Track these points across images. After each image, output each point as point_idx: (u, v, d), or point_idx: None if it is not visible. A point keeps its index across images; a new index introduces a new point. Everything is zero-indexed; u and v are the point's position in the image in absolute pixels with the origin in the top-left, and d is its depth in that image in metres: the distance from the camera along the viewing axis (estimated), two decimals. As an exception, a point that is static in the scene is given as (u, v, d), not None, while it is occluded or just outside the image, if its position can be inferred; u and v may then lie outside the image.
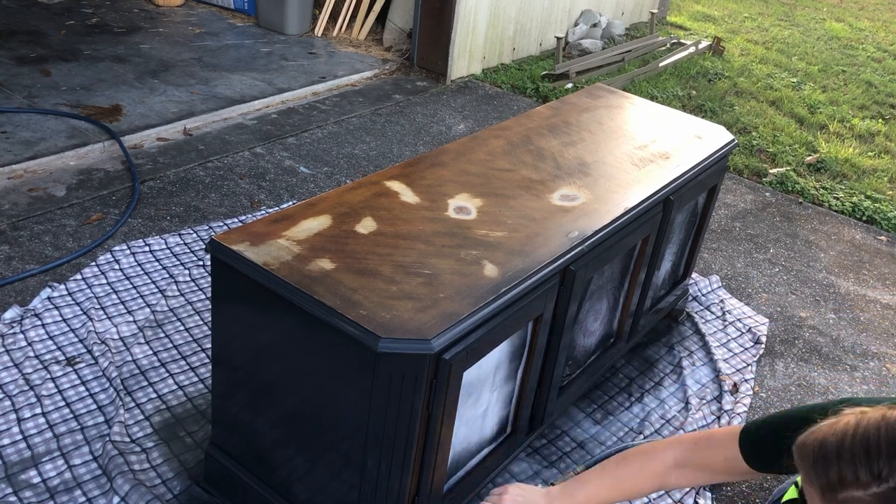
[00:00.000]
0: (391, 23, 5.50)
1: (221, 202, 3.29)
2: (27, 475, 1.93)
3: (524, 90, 5.05)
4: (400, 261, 1.62)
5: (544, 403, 2.02)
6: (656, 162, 2.26)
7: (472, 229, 1.78)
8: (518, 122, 2.43)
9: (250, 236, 1.64)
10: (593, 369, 2.26)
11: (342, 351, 1.47)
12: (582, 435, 2.33)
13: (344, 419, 1.53)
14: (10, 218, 2.98)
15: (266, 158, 3.73)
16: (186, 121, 3.95)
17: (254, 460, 1.81)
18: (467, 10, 4.93)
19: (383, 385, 1.44)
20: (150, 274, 2.74)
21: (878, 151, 4.86)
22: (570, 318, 1.89)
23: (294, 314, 1.52)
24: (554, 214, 1.90)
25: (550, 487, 1.56)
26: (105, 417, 2.14)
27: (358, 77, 4.90)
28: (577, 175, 2.11)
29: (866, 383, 2.74)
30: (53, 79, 4.22)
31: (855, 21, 8.56)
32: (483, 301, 1.54)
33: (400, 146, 4.05)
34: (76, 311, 2.51)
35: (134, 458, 1.99)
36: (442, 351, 1.45)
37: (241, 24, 5.55)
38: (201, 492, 1.95)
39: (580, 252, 1.80)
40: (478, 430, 1.82)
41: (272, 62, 4.89)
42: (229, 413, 1.81)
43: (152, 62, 4.65)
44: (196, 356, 2.39)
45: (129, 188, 3.29)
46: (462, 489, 1.82)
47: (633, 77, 5.44)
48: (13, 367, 2.26)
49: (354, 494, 1.59)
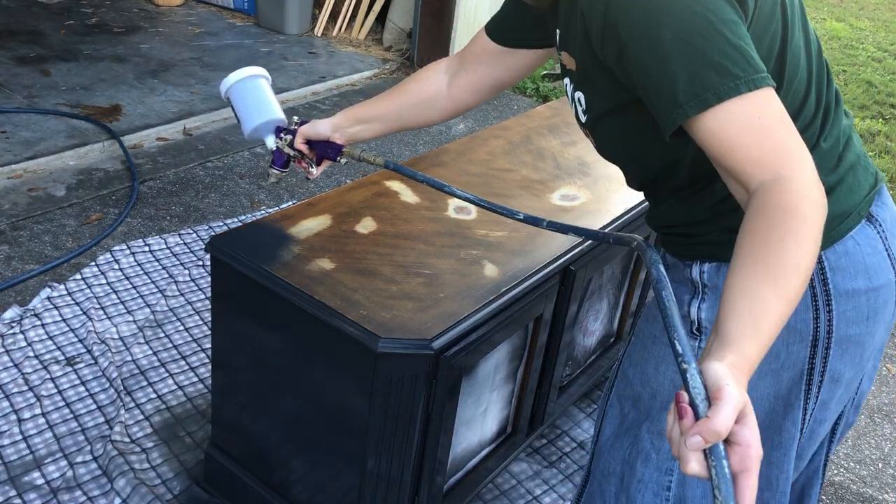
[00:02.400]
0: (391, 22, 5.50)
1: (221, 202, 3.29)
2: (30, 477, 1.93)
3: (524, 90, 5.05)
4: (400, 261, 1.62)
5: (544, 403, 2.02)
6: (656, 162, 2.26)
7: (472, 229, 1.78)
8: (518, 122, 2.43)
9: (250, 236, 1.64)
10: (593, 369, 2.26)
11: (342, 351, 1.47)
12: (582, 435, 2.33)
13: (344, 419, 1.53)
14: (9, 218, 2.98)
15: (266, 158, 3.73)
16: (186, 121, 3.95)
17: (254, 460, 1.81)
18: (467, 10, 4.92)
19: (383, 385, 1.44)
20: (150, 274, 2.74)
21: (879, 151, 4.86)
22: (570, 318, 1.89)
23: (294, 314, 1.52)
24: (554, 214, 1.90)
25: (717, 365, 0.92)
26: (105, 417, 2.14)
27: (358, 77, 4.90)
28: (577, 175, 2.11)
29: (866, 383, 2.74)
30: (53, 79, 4.22)
31: (855, 21, 8.56)
32: (483, 301, 1.54)
33: (400, 146, 4.05)
34: (76, 311, 2.51)
35: (134, 459, 1.99)
36: (442, 351, 1.45)
37: (240, 24, 5.55)
38: (201, 492, 1.95)
39: (580, 252, 1.80)
40: (478, 430, 1.82)
41: (272, 62, 4.89)
42: (229, 413, 1.81)
43: (152, 62, 4.65)
44: (196, 356, 2.39)
45: (128, 188, 3.29)
46: (462, 489, 1.82)
47: (633, 77, 5.44)
48: (13, 367, 2.25)
49: (354, 495, 1.59)
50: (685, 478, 1.27)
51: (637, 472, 1.33)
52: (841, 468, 2.35)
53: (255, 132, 1.58)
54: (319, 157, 1.57)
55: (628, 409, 1.35)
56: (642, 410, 1.33)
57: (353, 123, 1.53)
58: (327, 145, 1.54)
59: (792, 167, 0.91)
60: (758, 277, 0.85)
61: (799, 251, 0.86)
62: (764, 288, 0.84)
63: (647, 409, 1.32)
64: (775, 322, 0.84)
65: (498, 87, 1.47)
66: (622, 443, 1.35)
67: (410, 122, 1.55)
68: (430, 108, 1.52)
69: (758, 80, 0.92)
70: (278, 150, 1.59)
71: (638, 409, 1.34)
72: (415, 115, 1.53)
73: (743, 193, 0.95)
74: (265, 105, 1.57)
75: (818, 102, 1.14)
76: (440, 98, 1.50)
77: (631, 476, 1.33)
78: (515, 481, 2.14)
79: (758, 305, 0.83)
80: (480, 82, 1.46)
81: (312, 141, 1.55)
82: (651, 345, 1.32)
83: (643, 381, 1.33)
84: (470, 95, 1.48)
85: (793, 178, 0.90)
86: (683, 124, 0.94)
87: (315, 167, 1.58)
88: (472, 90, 1.48)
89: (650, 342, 1.32)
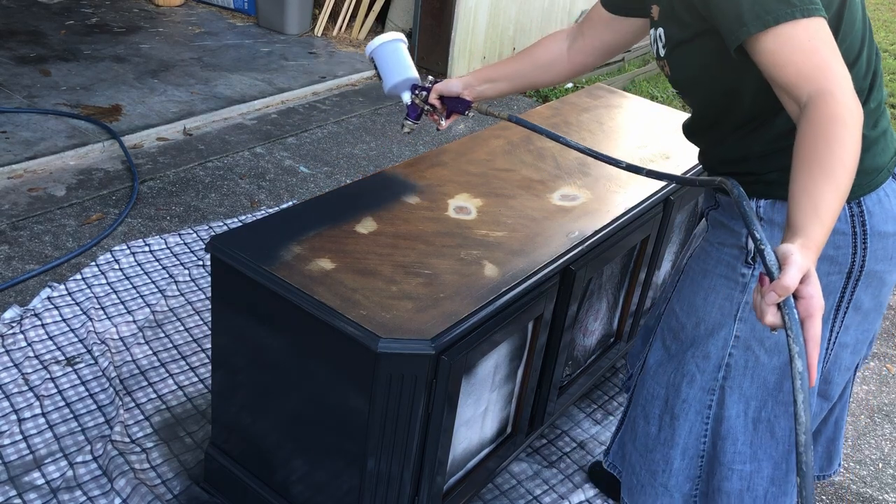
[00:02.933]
0: (391, 23, 5.50)
1: (221, 202, 3.29)
2: (30, 477, 1.93)
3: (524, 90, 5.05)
4: (400, 261, 1.62)
5: (544, 403, 2.02)
6: (657, 162, 2.26)
7: (472, 229, 1.78)
8: (518, 122, 2.42)
9: (250, 236, 1.64)
10: (593, 369, 2.26)
11: (342, 351, 1.47)
12: (582, 435, 2.33)
13: (344, 419, 1.53)
14: (10, 218, 2.98)
15: (266, 158, 3.73)
16: (186, 121, 3.95)
17: (254, 460, 1.81)
18: (467, 9, 4.92)
19: (383, 385, 1.44)
20: (150, 274, 2.74)
21: (878, 151, 4.86)
22: (570, 318, 1.89)
23: (294, 314, 1.52)
24: (554, 214, 1.90)
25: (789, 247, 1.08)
26: (105, 417, 2.14)
27: (358, 77, 4.90)
28: (577, 175, 2.11)
29: (866, 383, 2.74)
30: (53, 79, 4.22)
31: (855, 21, 8.55)
32: (483, 301, 1.54)
33: (400, 146, 4.05)
34: (76, 311, 2.51)
35: (134, 458, 1.99)
36: (442, 351, 1.45)
37: (240, 24, 5.55)
38: (201, 492, 1.95)
39: (580, 252, 1.80)
40: (478, 430, 1.82)
41: (272, 62, 4.89)
42: (229, 413, 1.81)
43: (152, 62, 4.65)
44: (196, 356, 2.39)
45: (128, 188, 3.29)
46: (462, 489, 1.82)
47: (633, 77, 5.44)
48: (13, 367, 2.25)
49: (354, 495, 1.59)
50: (724, 398, 1.50)
51: (682, 393, 1.54)
52: (841, 468, 2.35)
53: (393, 89, 1.79)
54: (449, 111, 1.78)
55: (670, 341, 1.57)
56: (685, 341, 1.54)
57: (481, 82, 1.75)
58: (458, 101, 1.75)
59: (835, 82, 1.09)
60: (813, 176, 1.05)
61: (843, 151, 1.05)
62: (819, 184, 1.04)
63: (690, 339, 1.53)
64: (833, 210, 1.03)
65: (609, 50, 1.69)
66: (666, 370, 1.57)
67: (532, 83, 1.79)
68: (550, 71, 1.74)
69: (811, 10, 1.10)
70: (413, 104, 1.79)
71: (679, 340, 1.56)
72: (537, 76, 1.75)
73: (795, 108, 1.13)
74: (403, 66, 1.78)
75: (868, 66, 1.32)
76: (560, 62, 1.72)
77: (676, 397, 1.55)
78: (515, 481, 2.14)
79: (816, 198, 1.03)
80: (594, 46, 1.68)
81: (444, 97, 1.76)
82: (701, 278, 1.52)
83: (690, 311, 1.53)
84: (586, 58, 1.71)
85: (834, 92, 1.08)
86: (745, 43, 1.14)
87: (444, 120, 1.79)
88: (587, 53, 1.70)
89: (700, 276, 1.52)
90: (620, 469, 1.75)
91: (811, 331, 0.94)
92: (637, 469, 1.65)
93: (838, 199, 1.04)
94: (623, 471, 1.72)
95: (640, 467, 1.64)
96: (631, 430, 1.67)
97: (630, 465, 1.68)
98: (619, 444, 1.76)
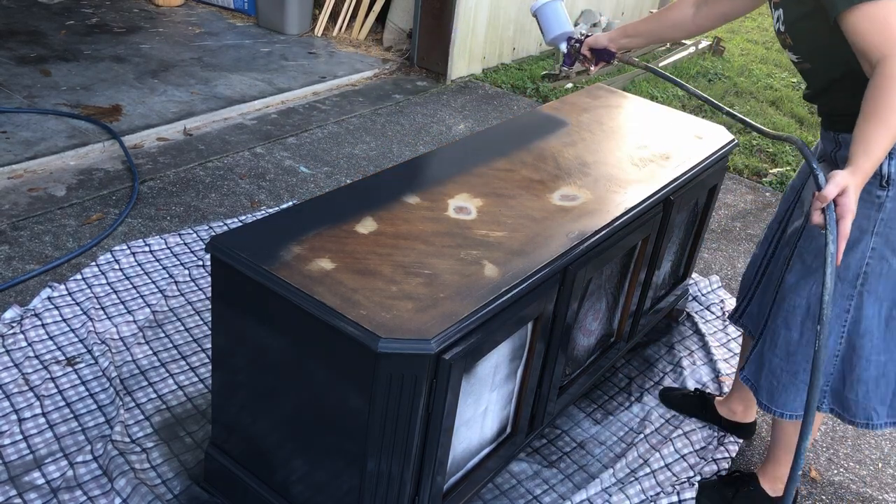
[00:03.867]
0: (391, 23, 5.50)
1: (221, 202, 3.29)
2: (31, 476, 1.94)
3: (524, 90, 5.05)
4: (400, 261, 1.62)
5: (544, 403, 2.02)
6: (656, 162, 2.26)
7: (472, 229, 1.78)
8: (518, 122, 2.43)
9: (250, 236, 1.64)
10: (593, 369, 2.26)
11: (342, 351, 1.47)
12: (582, 435, 2.33)
13: (344, 419, 1.53)
14: (10, 218, 2.98)
15: (266, 158, 3.73)
16: (186, 121, 3.95)
17: (254, 460, 1.81)
18: (467, 10, 4.93)
19: (383, 385, 1.44)
20: (150, 274, 2.74)
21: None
22: (569, 318, 1.89)
23: (294, 314, 1.52)
24: (554, 214, 1.90)
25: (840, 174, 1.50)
26: (105, 417, 2.14)
27: (358, 77, 4.90)
28: (577, 175, 2.11)
29: (866, 383, 2.74)
30: (53, 79, 4.22)
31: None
32: (483, 301, 1.54)
33: (400, 146, 4.05)
34: (76, 311, 2.51)
35: (134, 458, 1.99)
36: (442, 351, 1.45)
37: (241, 24, 5.55)
38: (201, 492, 1.95)
39: (580, 252, 1.80)
40: (478, 430, 1.82)
41: (272, 62, 4.90)
42: (229, 413, 1.81)
43: (152, 62, 4.65)
44: (196, 356, 2.40)
45: (129, 188, 3.29)
46: (462, 489, 1.82)
47: (633, 77, 5.44)
48: (13, 367, 2.26)
49: (354, 495, 1.59)
50: (862, 302, 1.78)
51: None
52: (841, 468, 2.35)
53: (553, 40, 2.26)
54: (597, 59, 2.25)
55: (811, 260, 1.81)
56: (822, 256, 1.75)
57: (623, 37, 2.20)
58: (605, 52, 2.22)
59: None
60: (868, 122, 1.47)
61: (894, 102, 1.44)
62: (872, 125, 1.46)
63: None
64: (882, 146, 1.46)
65: (727, 18, 2.08)
66: (808, 282, 1.81)
67: (662, 39, 2.25)
68: (678, 30, 2.15)
69: None
70: (569, 53, 2.26)
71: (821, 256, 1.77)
72: (666, 33, 2.18)
73: (869, 69, 1.51)
74: (561, 21, 2.24)
75: None
76: (686, 24, 2.11)
77: (818, 304, 1.79)
78: (515, 481, 2.14)
79: (869, 137, 1.46)
80: (715, 14, 2.07)
81: (594, 48, 2.23)
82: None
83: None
84: (707, 22, 2.09)
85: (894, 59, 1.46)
86: (838, 17, 1.52)
87: (594, 66, 2.27)
88: (709, 18, 2.08)
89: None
90: (754, 382, 1.97)
91: (843, 228, 1.43)
92: (778, 373, 1.90)
93: (889, 137, 1.45)
94: (762, 378, 1.94)
95: (782, 370, 1.89)
96: (771, 340, 1.90)
97: (770, 372, 1.91)
98: (755, 359, 1.96)
